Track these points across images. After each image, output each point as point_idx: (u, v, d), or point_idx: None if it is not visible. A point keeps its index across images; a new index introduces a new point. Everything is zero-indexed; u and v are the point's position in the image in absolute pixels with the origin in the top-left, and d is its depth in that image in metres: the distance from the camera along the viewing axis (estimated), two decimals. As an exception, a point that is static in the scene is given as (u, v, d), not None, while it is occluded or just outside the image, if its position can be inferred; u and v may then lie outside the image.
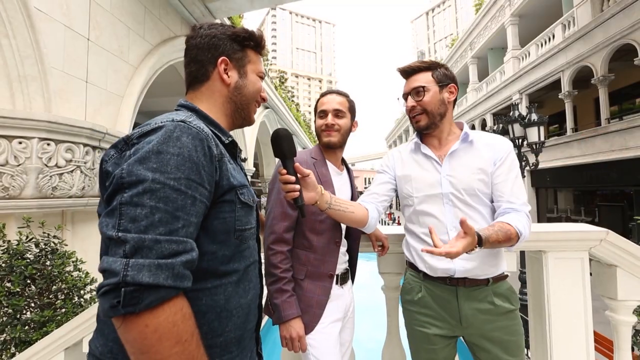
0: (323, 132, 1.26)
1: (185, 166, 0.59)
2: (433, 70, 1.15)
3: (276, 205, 1.15)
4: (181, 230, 0.57)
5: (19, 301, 2.28)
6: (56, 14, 3.81)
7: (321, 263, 1.17)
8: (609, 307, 1.34)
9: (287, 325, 1.07)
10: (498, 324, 1.09)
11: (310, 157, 1.25)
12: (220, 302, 0.68)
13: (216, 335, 0.68)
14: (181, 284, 0.55)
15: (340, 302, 1.21)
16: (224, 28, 0.83)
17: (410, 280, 1.23)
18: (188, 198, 0.59)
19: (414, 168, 1.19)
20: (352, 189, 1.35)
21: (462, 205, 1.10)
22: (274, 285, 1.09)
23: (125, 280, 0.50)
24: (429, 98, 1.13)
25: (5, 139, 3.37)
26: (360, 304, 1.47)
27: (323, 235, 1.19)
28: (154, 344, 0.51)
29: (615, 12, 8.04)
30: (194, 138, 0.62)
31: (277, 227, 1.12)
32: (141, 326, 0.51)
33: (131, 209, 0.54)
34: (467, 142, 1.15)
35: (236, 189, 0.71)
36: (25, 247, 2.48)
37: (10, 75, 3.51)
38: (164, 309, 0.53)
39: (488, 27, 15.19)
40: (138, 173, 0.56)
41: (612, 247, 1.27)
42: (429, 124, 1.15)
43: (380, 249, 1.36)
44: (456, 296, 1.11)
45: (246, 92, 0.84)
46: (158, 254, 0.53)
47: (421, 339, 1.17)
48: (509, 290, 1.13)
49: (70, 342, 1.36)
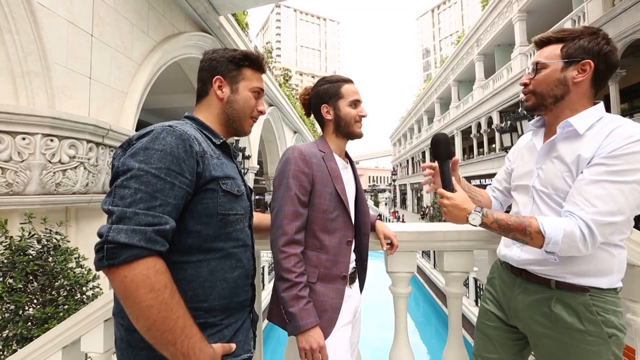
0: (357, 123, 1.20)
1: (167, 159, 0.75)
2: (568, 42, 0.97)
3: (286, 204, 1.05)
4: (158, 207, 0.72)
5: (20, 297, 2.26)
6: (60, 9, 3.78)
7: (334, 264, 1.10)
8: (630, 310, 1.26)
9: (306, 335, 0.98)
10: (556, 334, 0.95)
11: (317, 150, 1.17)
12: (203, 274, 0.82)
13: (200, 301, 0.82)
14: (153, 246, 0.69)
15: (350, 304, 1.14)
16: (225, 52, 0.99)
17: (495, 262, 1.26)
18: (167, 183, 0.74)
19: (521, 155, 1.16)
20: (357, 182, 1.28)
21: (545, 202, 0.99)
22: (289, 292, 0.99)
23: (107, 240, 0.66)
24: (542, 77, 0.99)
25: (9, 135, 3.36)
26: (366, 303, 1.41)
27: (335, 235, 1.11)
28: (133, 290, 0.66)
29: (627, 7, 7.85)
30: (177, 138, 0.78)
31: (288, 228, 1.03)
32: (121, 276, 0.66)
33: (121, 190, 0.71)
34: (566, 134, 0.97)
35: (219, 179, 0.85)
36: (27, 243, 2.46)
37: (14, 71, 3.49)
38: (138, 264, 0.67)
39: (495, 24, 14.97)
40: (128, 164, 0.73)
41: (635, 245, 1.19)
42: (536, 105, 1.02)
43: (389, 247, 1.30)
44: (514, 285, 1.09)
45: (237, 107, 0.98)
46: (135, 222, 0.68)
47: (481, 313, 1.23)
48: (582, 306, 0.92)
49: (68, 340, 1.32)
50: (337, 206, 1.12)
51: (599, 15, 8.80)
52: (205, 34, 7.17)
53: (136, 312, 0.67)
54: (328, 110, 1.21)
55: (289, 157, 1.10)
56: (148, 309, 0.67)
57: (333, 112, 1.20)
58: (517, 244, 1.07)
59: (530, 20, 12.88)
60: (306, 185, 1.09)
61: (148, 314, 0.67)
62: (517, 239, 0.95)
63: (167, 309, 0.69)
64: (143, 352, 0.76)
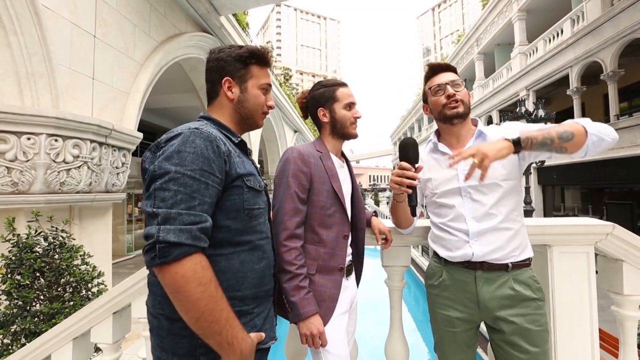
0: (352, 125, 1.27)
1: (199, 160, 0.80)
2: (456, 72, 1.27)
3: (286, 201, 1.13)
4: (197, 207, 0.77)
5: (28, 293, 2.33)
6: (63, 11, 3.84)
7: (331, 257, 1.17)
8: (614, 302, 1.33)
9: (306, 322, 1.06)
10: (518, 310, 1.09)
11: (315, 150, 1.24)
12: (235, 265, 0.88)
13: (234, 290, 0.87)
14: (198, 243, 0.75)
15: (347, 294, 1.21)
16: (231, 50, 1.00)
17: (432, 266, 1.28)
18: (202, 184, 0.79)
19: (433, 166, 1.26)
20: (353, 180, 1.35)
21: (480, 196, 1.14)
22: (290, 283, 1.07)
23: (159, 239, 0.71)
24: (465, 92, 1.21)
25: (15, 135, 3.42)
26: (363, 299, 1.47)
27: (332, 229, 1.18)
28: (183, 285, 0.72)
29: (626, 6, 7.88)
30: (205, 140, 0.83)
31: (289, 223, 1.10)
32: (172, 272, 0.71)
33: (161, 193, 0.76)
34: (481, 138, 1.21)
35: (243, 176, 0.90)
36: (34, 240, 2.52)
37: (19, 72, 3.55)
38: (187, 260, 0.73)
39: (495, 23, 14.98)
40: (165, 167, 0.78)
41: (618, 241, 1.25)
42: (464, 113, 1.21)
43: (383, 242, 1.36)
44: (474, 280, 1.14)
45: (247, 105, 1.01)
46: (180, 222, 0.74)
47: (442, 322, 1.22)
48: (530, 279, 1.13)
49: (78, 332, 1.39)
50: (334, 203, 1.19)
51: (598, 14, 8.83)
52: (206, 34, 7.22)
53: (186, 305, 0.72)
54: (324, 113, 1.28)
55: (288, 157, 1.17)
56: (198, 302, 0.72)
57: (329, 115, 1.27)
58: (471, 243, 1.13)
59: (530, 19, 12.90)
60: (305, 184, 1.15)
61: (198, 306, 0.72)
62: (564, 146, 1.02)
63: (213, 301, 0.74)
64: (185, 339, 0.82)
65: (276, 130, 16.53)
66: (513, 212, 1.14)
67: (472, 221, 1.14)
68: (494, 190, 1.14)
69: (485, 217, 1.13)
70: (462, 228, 1.15)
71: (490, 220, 1.12)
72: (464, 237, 1.14)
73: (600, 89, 10.12)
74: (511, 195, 1.15)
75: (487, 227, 1.12)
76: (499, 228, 1.12)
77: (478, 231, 1.12)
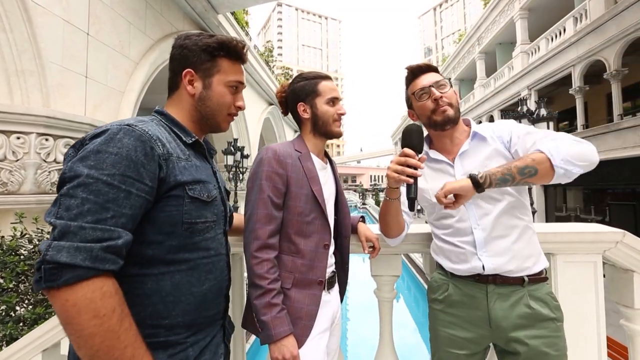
0: (335, 122, 1.15)
1: (122, 164, 0.67)
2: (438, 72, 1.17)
3: (258, 207, 1.00)
4: (109, 220, 0.64)
5: (10, 298, 2.25)
6: (55, 8, 3.76)
7: (309, 269, 1.05)
8: (624, 316, 1.23)
9: (278, 345, 0.94)
10: (535, 331, 0.98)
11: (293, 150, 1.12)
12: (165, 288, 0.74)
13: (161, 318, 0.74)
14: (101, 265, 0.61)
15: (328, 310, 1.09)
16: (198, 39, 0.87)
17: (437, 279, 1.16)
18: (121, 192, 0.66)
19: (428, 175, 1.16)
20: (337, 183, 1.23)
21: (481, 200, 1.05)
22: (261, 299, 0.95)
23: (45, 259, 0.58)
24: (451, 92, 1.10)
25: (3, 134, 3.35)
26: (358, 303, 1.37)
27: (311, 238, 1.06)
28: (74, 316, 0.59)
29: (630, 4, 7.76)
30: (136, 139, 0.70)
31: (260, 232, 0.98)
32: (62, 300, 0.59)
33: (66, 200, 0.63)
34: (477, 139, 1.11)
35: (185, 184, 0.77)
36: (19, 243, 2.44)
37: (8, 70, 3.48)
38: (82, 286, 0.60)
39: (496, 22, 14.86)
40: (76, 169, 0.65)
41: (629, 250, 1.15)
42: (455, 117, 1.10)
43: (371, 250, 1.26)
44: (486, 295, 1.02)
45: (210, 104, 0.88)
46: (80, 238, 0.60)
47: (445, 342, 1.09)
48: (548, 296, 1.02)
49: (49, 343, 1.30)
50: (313, 208, 1.07)
51: (601, 12, 8.71)
52: (203, 33, 7.16)
53: (77, 340, 0.60)
54: (305, 109, 1.15)
55: (262, 158, 1.05)
56: (91, 337, 0.60)
57: (310, 111, 1.15)
58: (480, 254, 1.03)
59: (532, 18, 12.78)
60: (280, 187, 1.04)
61: (91, 343, 0.60)
62: (525, 179, 0.95)
63: (113, 337, 0.61)
64: None
65: (276, 130, 16.45)
66: (519, 213, 1.06)
67: (478, 230, 1.04)
68: (501, 195, 1.04)
69: (492, 225, 1.03)
70: (468, 239, 1.05)
71: (497, 228, 1.03)
72: (470, 249, 1.04)
73: (604, 88, 9.99)
74: (518, 200, 1.06)
75: (494, 235, 1.02)
76: (505, 235, 1.03)
77: (485, 240, 1.03)
